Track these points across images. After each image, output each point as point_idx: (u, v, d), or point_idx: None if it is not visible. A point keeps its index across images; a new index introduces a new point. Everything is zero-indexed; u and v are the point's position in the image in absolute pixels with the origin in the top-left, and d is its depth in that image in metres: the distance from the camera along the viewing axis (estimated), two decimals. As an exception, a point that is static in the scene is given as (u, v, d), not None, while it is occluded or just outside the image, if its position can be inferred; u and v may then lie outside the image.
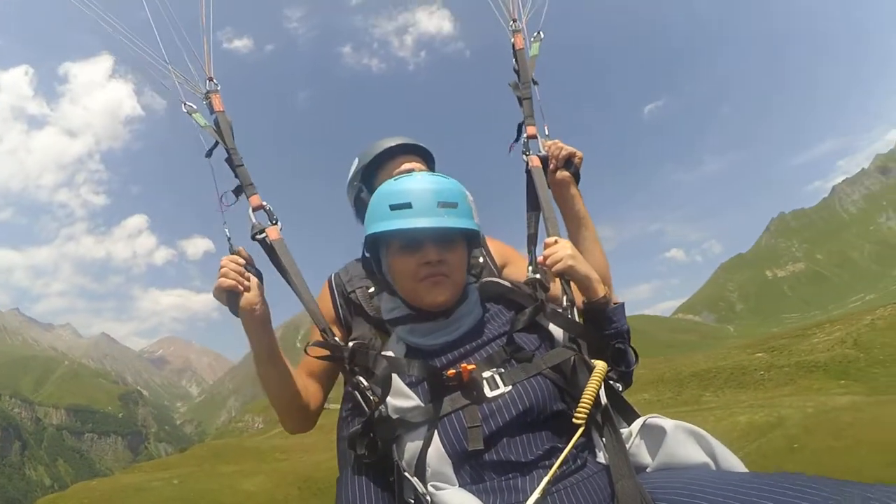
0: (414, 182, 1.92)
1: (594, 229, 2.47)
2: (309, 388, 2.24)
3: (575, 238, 2.42)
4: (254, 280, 2.08)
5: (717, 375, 47.50)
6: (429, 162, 2.71)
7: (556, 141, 2.49)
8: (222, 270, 2.01)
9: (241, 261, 2.07)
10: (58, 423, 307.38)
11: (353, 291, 2.31)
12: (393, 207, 1.87)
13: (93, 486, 43.22)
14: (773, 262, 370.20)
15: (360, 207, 2.59)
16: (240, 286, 2.01)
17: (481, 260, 2.43)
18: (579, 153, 2.47)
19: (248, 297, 2.03)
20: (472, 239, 2.07)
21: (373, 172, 2.59)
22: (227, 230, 2.17)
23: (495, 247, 2.60)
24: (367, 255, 2.10)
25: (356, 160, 2.67)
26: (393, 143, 2.59)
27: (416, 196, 1.87)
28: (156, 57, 2.42)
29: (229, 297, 2.02)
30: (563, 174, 2.46)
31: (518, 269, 2.45)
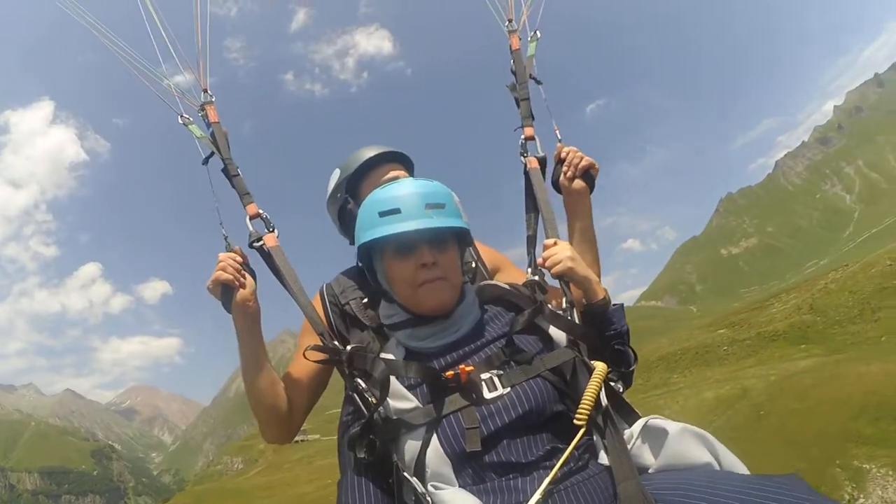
0: (400, 188, 1.93)
1: (596, 243, 2.45)
2: (293, 399, 2.23)
3: (579, 248, 2.34)
4: (249, 278, 2.13)
5: (682, 356, 48.30)
6: (410, 169, 2.70)
7: (574, 148, 2.44)
8: (221, 265, 2.06)
9: (239, 258, 2.12)
10: (32, 489, 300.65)
11: (347, 303, 2.30)
12: (382, 214, 1.87)
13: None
14: (727, 240, 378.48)
15: (345, 218, 2.59)
16: (236, 282, 2.07)
17: (474, 265, 2.44)
18: (596, 164, 2.42)
19: (243, 294, 2.08)
20: (462, 238, 2.06)
21: (356, 183, 2.57)
22: (223, 229, 2.21)
23: (486, 252, 2.59)
24: (361, 264, 2.09)
25: (336, 172, 2.65)
26: (375, 153, 2.56)
27: (404, 201, 1.87)
28: (152, 69, 2.43)
29: (224, 291, 2.07)
30: (581, 184, 2.40)
31: (508, 277, 2.46)
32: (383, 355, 1.92)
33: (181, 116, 2.46)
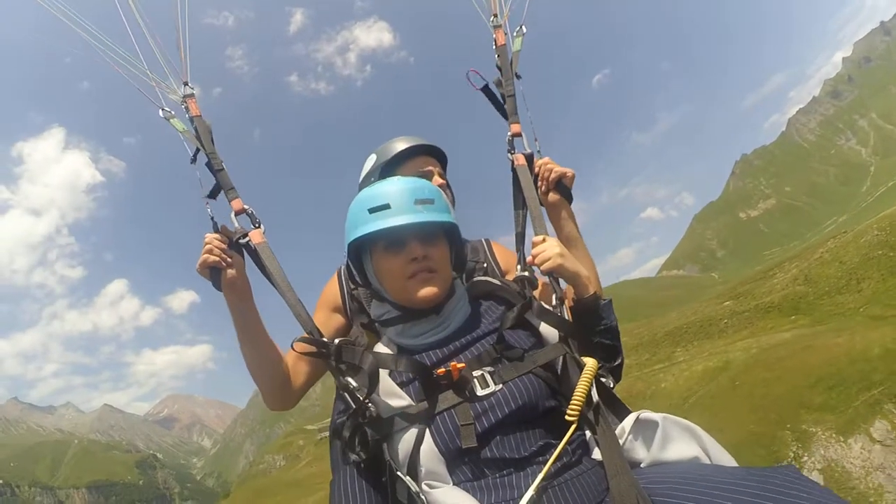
0: (390, 185, 1.92)
1: (585, 248, 2.40)
2: (297, 367, 2.25)
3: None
4: (236, 257, 2.14)
5: (687, 331, 48.38)
6: (444, 164, 2.68)
7: (547, 159, 2.41)
8: (206, 247, 2.06)
9: (225, 238, 2.13)
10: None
11: (357, 288, 2.32)
12: (372, 210, 1.87)
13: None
14: (745, 203, 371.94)
15: None
16: (223, 262, 2.07)
17: (486, 265, 2.46)
18: (570, 172, 2.39)
19: (231, 273, 2.10)
20: (452, 234, 2.05)
21: (391, 171, 2.54)
22: (209, 209, 2.23)
23: (500, 253, 2.57)
24: (350, 263, 2.06)
25: (372, 157, 2.63)
26: (412, 144, 2.57)
27: (394, 197, 1.87)
28: (133, 62, 2.40)
29: (212, 272, 2.09)
30: (555, 197, 2.39)
31: None
32: (374, 350, 1.91)
33: (162, 110, 2.43)
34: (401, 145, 2.58)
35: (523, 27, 2.67)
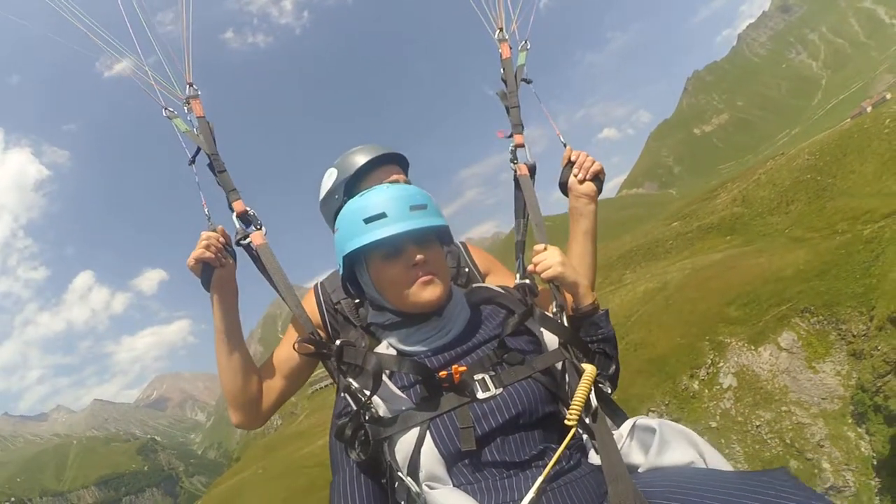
0: (382, 193, 1.90)
1: (595, 245, 2.46)
2: (269, 385, 2.25)
3: (580, 250, 2.42)
4: (230, 259, 2.18)
5: (636, 253, 50.28)
6: (406, 170, 2.64)
7: (585, 152, 2.44)
8: (204, 243, 2.08)
9: (223, 238, 2.16)
10: (93, 501, 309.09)
11: (339, 302, 2.28)
12: (368, 220, 1.85)
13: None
14: (698, 119, 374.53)
15: None
16: (218, 261, 2.11)
17: (467, 270, 2.47)
18: (603, 169, 2.43)
19: (222, 274, 2.13)
20: (444, 237, 2.07)
21: (356, 185, 2.48)
22: (206, 209, 2.21)
23: (478, 255, 2.57)
24: (343, 275, 2.03)
25: (332, 172, 2.56)
26: (374, 155, 2.51)
27: (389, 205, 1.85)
28: (137, 62, 2.39)
29: (204, 269, 2.11)
30: (591, 187, 2.41)
31: (500, 279, 2.46)
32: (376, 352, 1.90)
33: (165, 110, 2.41)
34: (362, 158, 2.51)
35: (528, 42, 2.73)
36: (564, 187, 2.47)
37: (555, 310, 2.10)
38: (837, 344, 21.02)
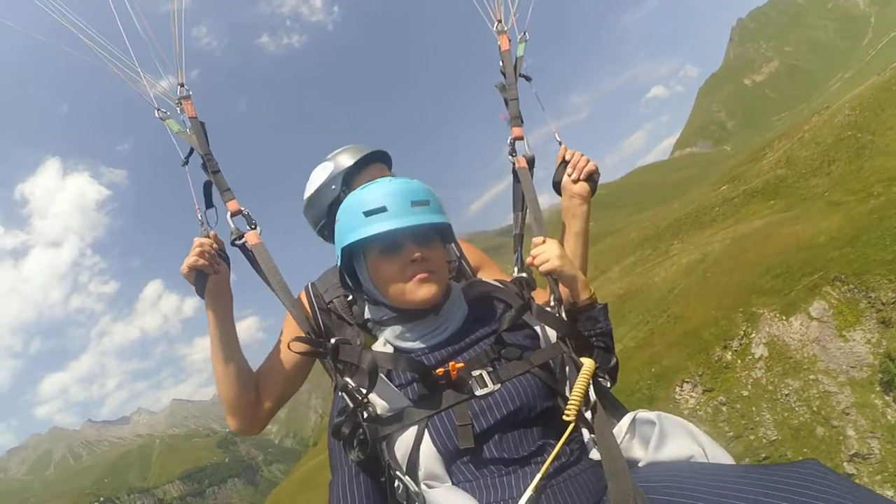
0: (384, 186, 1.89)
1: (587, 245, 2.44)
2: (263, 391, 2.24)
3: (570, 252, 2.33)
4: (223, 265, 2.18)
5: (685, 221, 48.61)
6: (389, 165, 2.72)
7: (579, 151, 2.42)
8: (197, 250, 2.07)
9: (216, 245, 2.15)
10: (178, 495, 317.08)
11: (331, 301, 2.26)
12: (368, 213, 1.84)
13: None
14: (748, 68, 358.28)
15: (336, 212, 2.33)
16: (211, 268, 2.10)
17: (458, 263, 2.43)
18: (598, 169, 2.41)
19: (216, 281, 2.13)
20: (445, 234, 2.05)
21: (350, 180, 2.55)
22: (199, 215, 2.23)
23: (468, 250, 2.56)
24: (341, 268, 2.03)
25: (328, 165, 2.62)
26: (363, 154, 2.58)
27: (390, 199, 1.84)
28: (128, 64, 2.39)
29: (198, 277, 2.10)
30: (585, 187, 2.39)
31: (490, 275, 2.44)
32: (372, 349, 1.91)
33: (158, 111, 2.41)
34: (351, 158, 2.56)
35: (526, 33, 2.68)
36: (558, 186, 2.49)
37: (552, 303, 2.09)
38: (868, 312, 21.07)
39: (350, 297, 2.23)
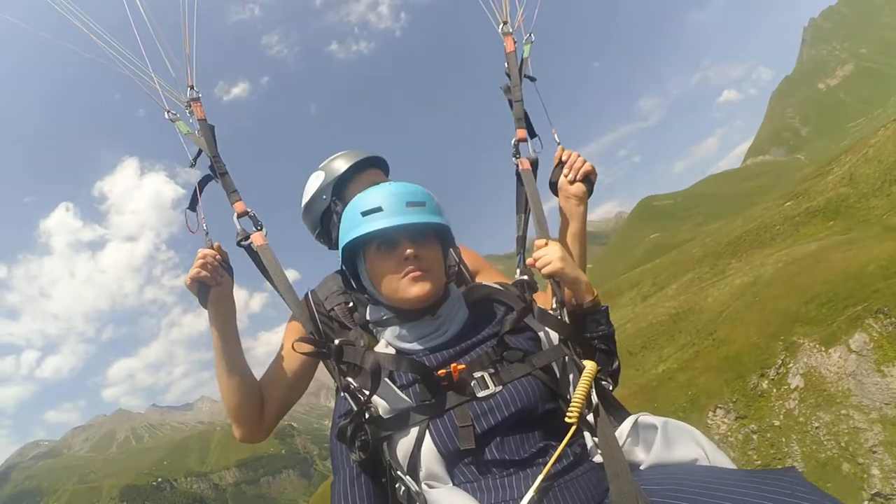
0: (382, 189, 1.95)
1: (586, 246, 2.44)
2: (268, 398, 2.26)
3: (568, 251, 2.30)
4: (227, 276, 2.19)
5: (745, 239, 46.48)
6: (387, 173, 2.74)
7: (576, 152, 2.42)
8: (200, 262, 2.09)
9: (219, 256, 2.16)
10: (234, 481, 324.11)
11: (332, 309, 2.34)
12: (365, 213, 1.89)
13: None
14: (822, 71, 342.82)
15: (327, 221, 2.62)
16: (214, 280, 2.12)
17: (457, 268, 2.37)
18: (595, 170, 2.42)
19: (219, 292, 2.15)
20: (444, 237, 2.06)
21: (343, 187, 2.57)
22: (204, 224, 2.24)
23: (467, 255, 2.60)
24: (344, 268, 2.06)
25: (319, 174, 2.64)
26: (358, 159, 2.59)
27: (386, 200, 1.89)
28: (139, 66, 2.40)
29: (200, 288, 2.11)
30: (581, 188, 2.39)
31: (489, 279, 2.47)
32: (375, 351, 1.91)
33: (167, 112, 2.44)
34: (344, 164, 2.59)
35: (532, 35, 2.67)
36: (554, 187, 2.48)
37: (555, 306, 2.08)
38: (908, 347, 20.27)
39: (350, 304, 2.32)
